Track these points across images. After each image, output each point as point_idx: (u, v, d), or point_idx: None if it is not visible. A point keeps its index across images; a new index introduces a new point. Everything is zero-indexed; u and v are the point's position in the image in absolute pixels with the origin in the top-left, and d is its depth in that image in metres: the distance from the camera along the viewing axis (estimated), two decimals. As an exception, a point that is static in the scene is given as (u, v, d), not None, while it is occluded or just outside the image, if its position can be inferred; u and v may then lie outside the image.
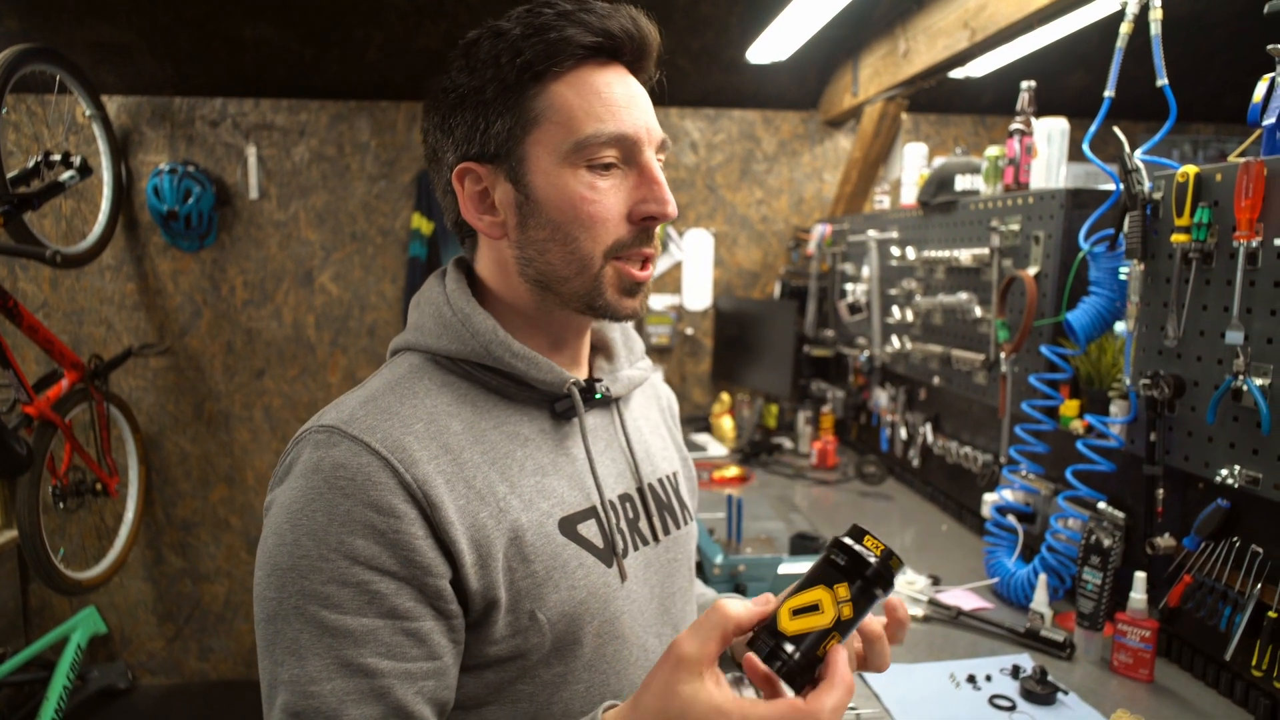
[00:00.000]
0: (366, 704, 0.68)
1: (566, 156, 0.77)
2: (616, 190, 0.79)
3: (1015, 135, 1.96)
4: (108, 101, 3.09)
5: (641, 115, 0.79)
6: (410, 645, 0.70)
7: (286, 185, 3.28)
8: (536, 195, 0.78)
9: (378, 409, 0.75)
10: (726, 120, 3.48)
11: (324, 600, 0.68)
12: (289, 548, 0.70)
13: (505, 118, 0.77)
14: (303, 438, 0.75)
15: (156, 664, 3.48)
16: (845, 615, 0.61)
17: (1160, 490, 1.45)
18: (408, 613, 0.70)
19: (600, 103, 0.77)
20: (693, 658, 0.61)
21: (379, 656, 0.69)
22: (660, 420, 1.03)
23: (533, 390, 0.83)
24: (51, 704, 2.83)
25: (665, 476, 0.96)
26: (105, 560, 2.98)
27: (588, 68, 0.78)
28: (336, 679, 0.68)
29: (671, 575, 0.91)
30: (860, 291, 2.79)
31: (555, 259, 0.79)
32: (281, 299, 3.34)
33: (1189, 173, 1.37)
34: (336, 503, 0.69)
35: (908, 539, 2.17)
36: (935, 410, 2.46)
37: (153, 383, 3.32)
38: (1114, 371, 1.64)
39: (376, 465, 0.71)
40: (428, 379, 0.80)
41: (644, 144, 0.79)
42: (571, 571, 0.78)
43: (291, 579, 0.69)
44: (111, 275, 3.24)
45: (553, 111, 0.77)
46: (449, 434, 0.76)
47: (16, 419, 2.52)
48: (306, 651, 0.68)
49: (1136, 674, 1.41)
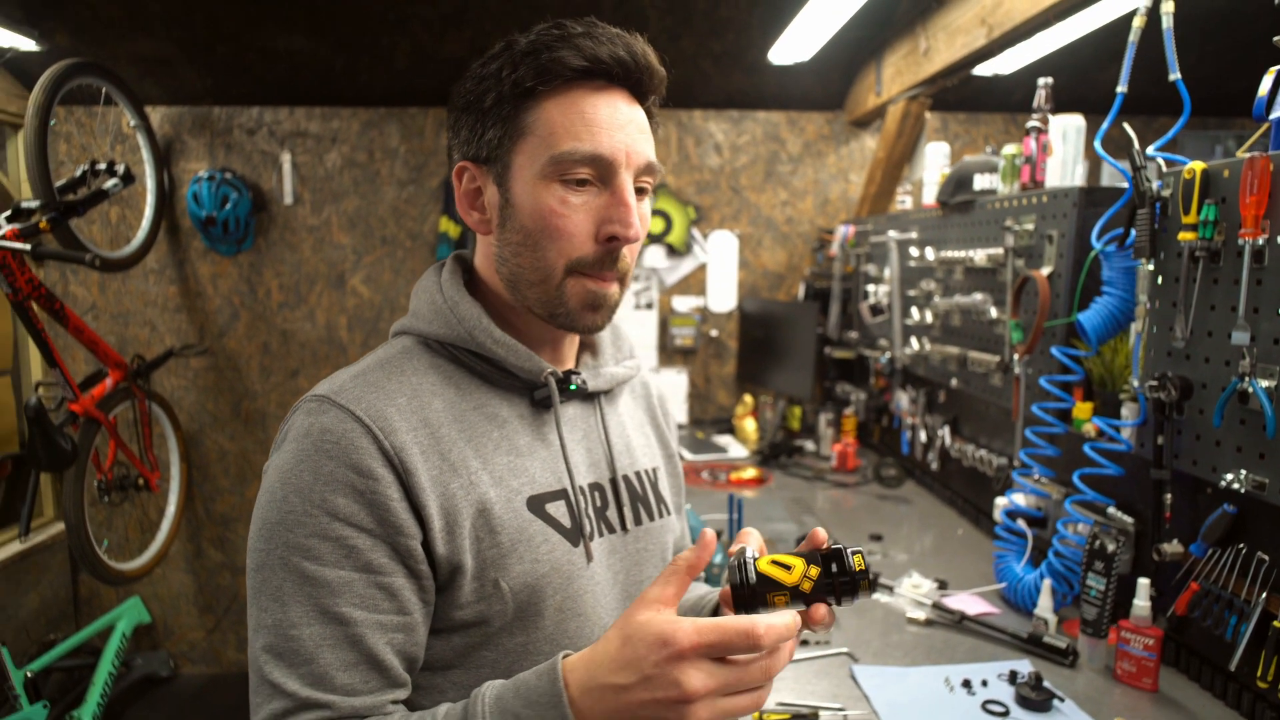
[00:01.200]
0: (341, 649, 0.73)
1: (543, 170, 0.81)
2: (587, 208, 0.81)
3: (1032, 133, 1.93)
4: (151, 112, 3.22)
5: (623, 138, 0.81)
6: (383, 599, 0.75)
7: (319, 190, 3.37)
8: (515, 201, 0.83)
9: (366, 382, 0.81)
10: (750, 122, 3.48)
11: (306, 552, 0.74)
12: (278, 504, 0.76)
13: (498, 126, 0.82)
14: (298, 406, 0.81)
15: (197, 654, 3.60)
16: (804, 587, 0.70)
17: (1168, 495, 1.41)
18: (381, 568, 0.76)
19: (582, 123, 0.80)
20: (651, 596, 0.67)
21: (354, 606, 0.74)
22: (646, 419, 1.07)
23: (514, 378, 0.88)
24: (97, 689, 2.96)
25: (644, 470, 0.99)
26: (147, 552, 3.10)
27: (579, 89, 0.81)
28: (315, 624, 0.73)
29: (640, 564, 0.95)
30: (882, 293, 2.76)
31: (524, 263, 0.84)
32: (315, 301, 3.44)
33: (1195, 169, 1.34)
34: (322, 464, 0.75)
35: (925, 543, 2.15)
36: (954, 413, 2.43)
37: (193, 382, 3.44)
38: (1126, 373, 1.60)
39: (359, 431, 0.76)
40: (417, 360, 0.86)
41: (620, 166, 0.81)
42: (536, 545, 0.83)
43: (278, 532, 0.75)
44: (155, 279, 3.37)
45: (539, 126, 0.81)
46: (430, 410, 0.81)
47: (63, 416, 2.64)
48: (288, 598, 0.74)
49: (1140, 683, 1.38)
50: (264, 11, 2.75)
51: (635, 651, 0.64)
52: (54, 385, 2.82)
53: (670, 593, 0.67)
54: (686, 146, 3.49)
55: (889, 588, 1.80)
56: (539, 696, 0.67)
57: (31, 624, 3.10)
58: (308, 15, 2.79)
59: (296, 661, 0.72)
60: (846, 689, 1.40)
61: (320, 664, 0.73)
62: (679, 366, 3.57)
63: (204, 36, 2.87)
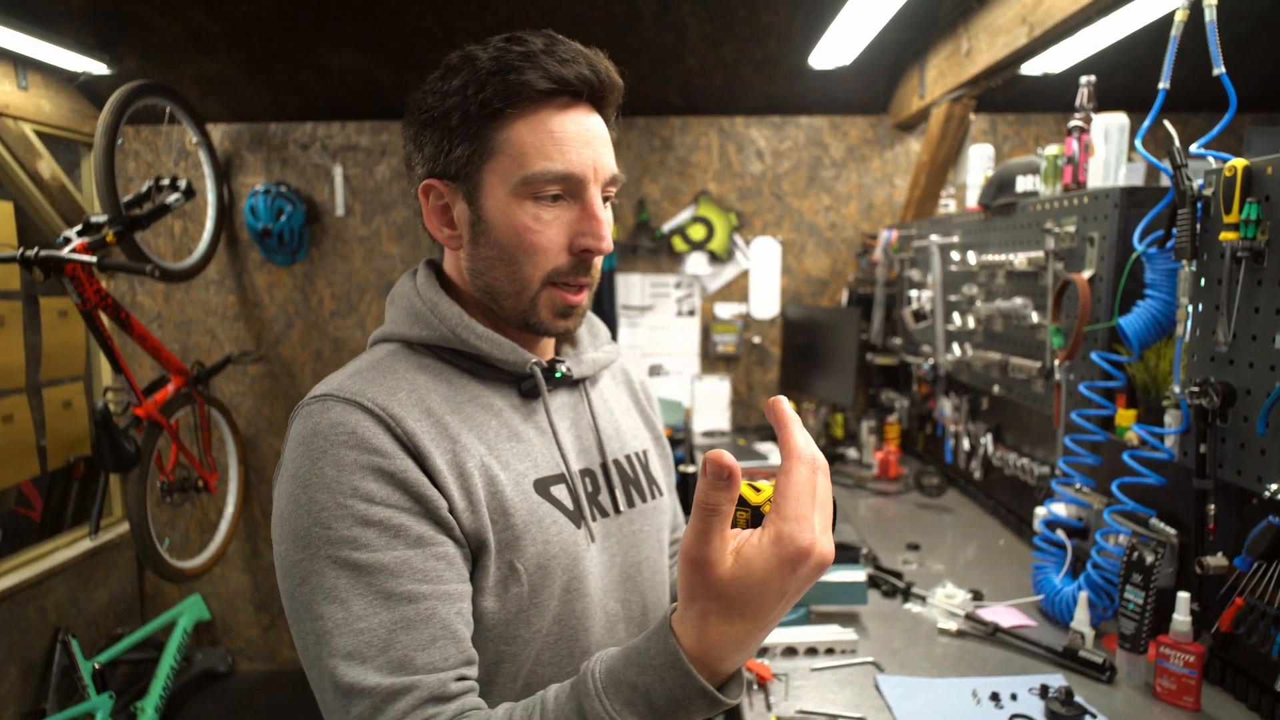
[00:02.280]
0: (415, 629, 0.72)
1: (515, 188, 0.83)
2: (559, 222, 0.84)
3: (1073, 133, 1.88)
4: (212, 129, 3.37)
5: (590, 154, 0.84)
6: (443, 568, 0.76)
7: (369, 202, 3.48)
8: (488, 219, 0.85)
9: (363, 380, 0.82)
10: (793, 127, 3.46)
11: (352, 543, 0.73)
12: (304, 508, 0.74)
13: (466, 145, 0.84)
14: (296, 413, 0.81)
15: (254, 650, 3.73)
16: (764, 509, 0.68)
17: (1211, 506, 1.36)
18: (432, 539, 0.76)
19: (551, 142, 0.82)
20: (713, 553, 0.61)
21: (417, 582, 0.73)
22: (631, 403, 1.09)
23: (499, 371, 0.90)
24: (160, 682, 3.09)
25: (634, 453, 1.01)
26: (206, 551, 3.23)
27: (546, 108, 0.83)
28: (382, 612, 0.71)
29: (636, 545, 0.96)
30: (925, 298, 2.71)
31: (500, 277, 0.86)
32: (365, 309, 3.54)
33: (1237, 166, 1.29)
34: (342, 454, 0.75)
35: (965, 553, 2.10)
36: (997, 420, 2.37)
37: (250, 388, 3.58)
38: (1170, 379, 1.55)
39: (370, 421, 0.77)
40: (405, 361, 0.87)
41: (589, 181, 0.84)
42: (545, 527, 0.84)
43: (315, 533, 0.73)
44: (216, 289, 3.52)
45: (508, 145, 0.83)
46: (429, 402, 0.83)
47: (127, 420, 2.78)
48: (347, 595, 0.71)
49: (1180, 701, 1.32)
50: (317, 31, 2.85)
51: (764, 594, 0.60)
52: (120, 391, 2.97)
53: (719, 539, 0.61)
54: (728, 153, 3.49)
55: (921, 598, 1.77)
56: (653, 659, 0.64)
57: (100, 618, 3.25)
58: (358, 34, 2.88)
59: (371, 654, 0.70)
60: (869, 699, 1.37)
61: (397, 649, 0.70)
62: (721, 373, 3.56)
63: (261, 56, 2.99)
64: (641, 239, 3.50)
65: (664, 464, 1.10)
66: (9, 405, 2.79)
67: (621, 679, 0.65)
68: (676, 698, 0.63)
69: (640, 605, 0.96)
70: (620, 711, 0.64)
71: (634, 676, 0.65)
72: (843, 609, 1.69)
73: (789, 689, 1.41)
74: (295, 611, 0.74)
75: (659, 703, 0.64)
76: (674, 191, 3.51)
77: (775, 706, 1.36)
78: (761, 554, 0.60)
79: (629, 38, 2.89)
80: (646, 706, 0.64)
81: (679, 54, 3.00)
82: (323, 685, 0.72)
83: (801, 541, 0.59)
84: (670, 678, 0.63)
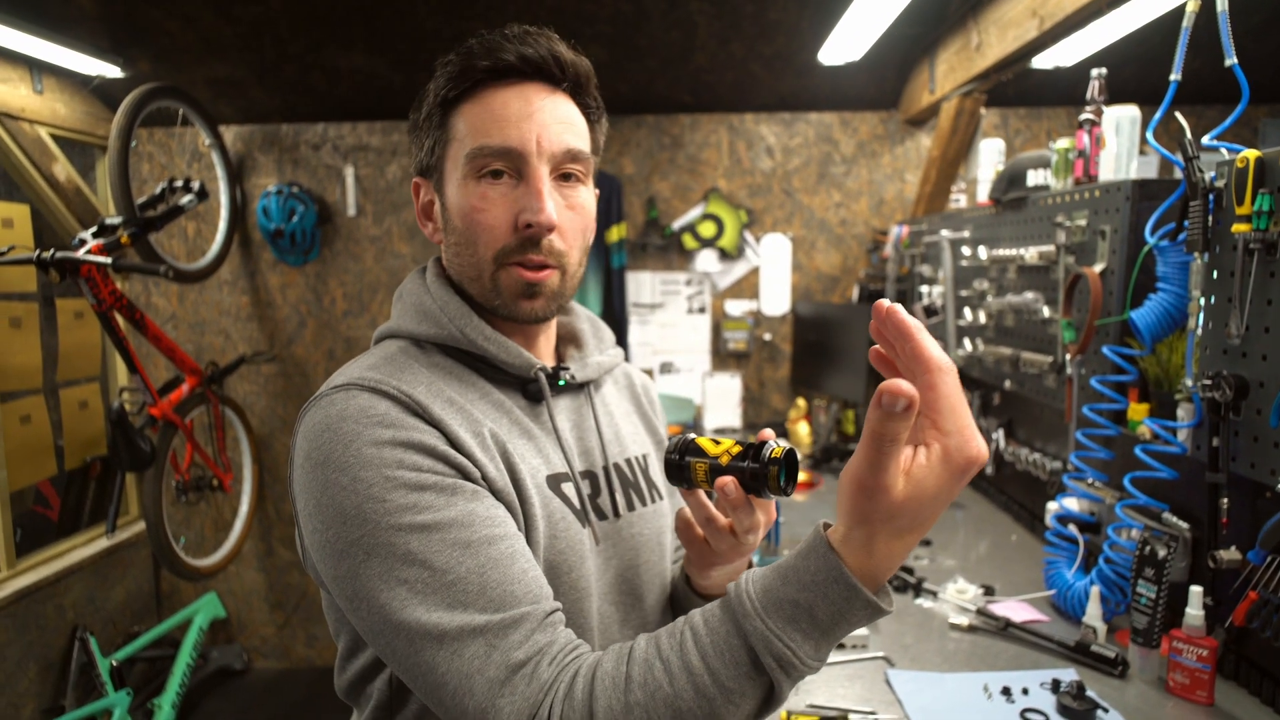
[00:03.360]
0: (504, 565, 0.71)
1: (463, 168, 0.84)
2: (504, 199, 0.84)
3: (1085, 126, 1.87)
4: (224, 131, 3.40)
5: (533, 127, 0.83)
6: (503, 515, 0.75)
7: (380, 202, 3.50)
8: (449, 205, 0.87)
9: (382, 372, 0.81)
10: (803, 124, 3.45)
11: (413, 508, 0.71)
12: (348, 489, 0.72)
13: (431, 137, 0.87)
14: (312, 405, 0.79)
15: (268, 648, 3.76)
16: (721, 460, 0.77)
17: (1225, 500, 1.35)
18: (485, 495, 0.76)
19: (491, 118, 0.83)
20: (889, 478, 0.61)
21: (489, 527, 0.73)
22: (632, 407, 1.08)
23: (504, 373, 0.90)
24: (176, 679, 3.12)
25: (634, 457, 1.01)
26: (221, 550, 3.26)
27: (490, 89, 0.84)
28: (467, 559, 0.70)
29: (635, 549, 0.95)
30: (936, 293, 2.71)
31: (464, 262, 0.87)
32: (377, 309, 3.56)
33: (1249, 157, 1.28)
34: (377, 433, 0.74)
35: (976, 549, 2.09)
36: (1008, 415, 2.36)
37: (264, 388, 3.61)
38: (1183, 373, 1.54)
39: (398, 407, 0.77)
40: (415, 358, 0.87)
41: (530, 155, 0.83)
42: (557, 522, 0.84)
43: (370, 508, 0.71)
44: (229, 289, 3.55)
45: (458, 129, 0.85)
46: (448, 393, 0.83)
47: (143, 420, 2.80)
48: (424, 554, 0.70)
49: (1194, 696, 1.32)
50: (327, 33, 2.87)
51: (935, 509, 0.62)
52: (135, 391, 3.00)
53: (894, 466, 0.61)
54: (738, 150, 3.49)
55: (932, 593, 1.77)
56: (815, 575, 0.64)
57: (118, 616, 3.29)
58: (368, 35, 2.90)
59: (470, 598, 0.69)
60: (880, 693, 1.37)
61: (494, 588, 0.69)
62: (732, 370, 3.56)
63: (272, 59, 3.01)
64: (652, 236, 3.50)
65: None
66: (27, 406, 2.82)
67: (782, 596, 0.65)
68: (841, 610, 0.64)
69: (638, 609, 0.95)
70: (783, 628, 0.64)
71: (795, 594, 0.65)
72: (853, 604, 1.69)
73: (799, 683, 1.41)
74: (361, 590, 0.71)
75: (823, 617, 0.64)
76: (684, 189, 3.51)
77: (786, 701, 1.36)
78: (933, 472, 0.61)
79: (638, 36, 2.90)
80: (810, 622, 0.64)
81: (688, 52, 3.00)
82: (418, 646, 0.69)
83: (970, 452, 0.60)
84: (835, 592, 0.64)
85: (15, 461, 2.77)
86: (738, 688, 0.65)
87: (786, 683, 0.66)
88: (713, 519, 0.83)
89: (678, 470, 0.79)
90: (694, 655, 0.67)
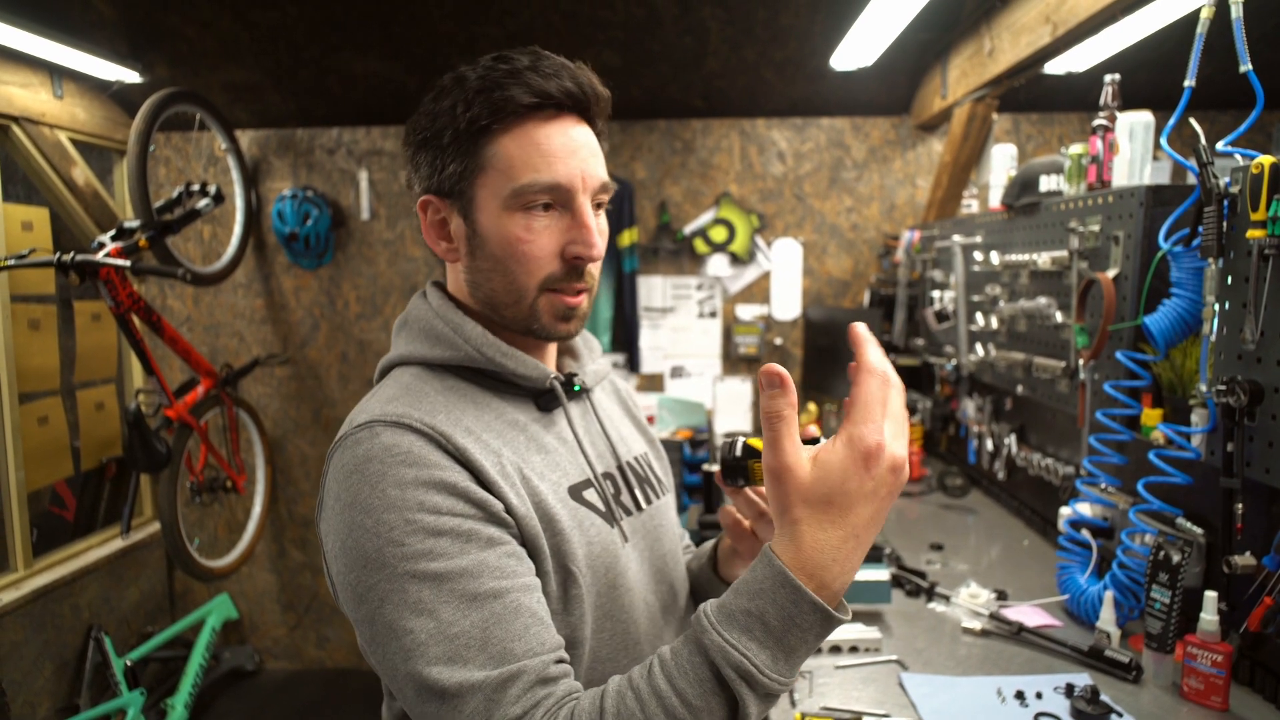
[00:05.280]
0: (506, 621, 0.73)
1: (506, 201, 0.85)
2: (550, 231, 0.87)
3: (1098, 131, 1.87)
4: (240, 135, 3.43)
5: (578, 164, 0.86)
6: (515, 564, 0.77)
7: (394, 206, 3.52)
8: (482, 232, 0.88)
9: (401, 405, 0.83)
10: (814, 129, 3.46)
11: (428, 555, 0.73)
12: (372, 532, 0.74)
13: (458, 162, 0.87)
14: (338, 445, 0.82)
15: (280, 649, 3.78)
16: None
17: (1239, 505, 1.35)
18: (501, 539, 0.78)
19: (538, 154, 0.84)
20: (789, 458, 0.68)
21: (497, 579, 0.75)
22: (622, 411, 1.13)
23: (519, 387, 0.93)
24: (189, 680, 3.14)
25: (637, 456, 1.05)
26: (235, 551, 3.28)
27: (531, 121, 0.85)
28: (471, 613, 0.72)
29: (659, 539, 1.00)
30: (948, 299, 2.71)
31: (498, 287, 0.89)
32: (390, 312, 3.59)
33: (1264, 163, 1.28)
34: (401, 473, 0.76)
35: (988, 554, 2.09)
36: (1020, 421, 2.35)
37: (277, 390, 3.63)
38: (1197, 378, 1.54)
39: (422, 441, 0.79)
40: (431, 384, 0.89)
41: (577, 191, 0.86)
42: (586, 529, 0.88)
43: (389, 553, 0.74)
44: (243, 292, 3.58)
45: (497, 160, 0.85)
46: (466, 421, 0.85)
47: (158, 421, 2.83)
48: (433, 604, 0.72)
49: (1208, 701, 1.31)
50: (342, 39, 2.90)
51: (845, 492, 0.65)
52: (151, 392, 3.03)
53: (790, 443, 0.68)
54: (750, 155, 3.50)
55: (945, 597, 1.77)
56: (761, 584, 0.67)
57: (131, 616, 3.31)
58: (382, 40, 2.93)
59: (470, 654, 0.71)
60: (893, 696, 1.38)
61: (495, 644, 0.72)
62: (743, 375, 3.57)
63: (288, 64, 3.04)
64: (663, 241, 3.51)
65: (661, 464, 1.14)
66: (44, 407, 2.85)
67: (734, 609, 0.68)
68: (789, 614, 0.66)
69: (671, 595, 1.00)
70: (738, 638, 0.66)
71: (746, 604, 0.67)
72: (867, 607, 1.69)
73: (813, 686, 1.42)
74: (378, 634, 0.74)
75: (773, 623, 0.66)
76: (695, 193, 3.53)
77: (800, 703, 1.37)
78: (836, 455, 0.66)
79: (650, 41, 2.91)
80: (763, 629, 0.66)
81: (700, 57, 3.02)
82: (423, 698, 0.72)
83: (870, 441, 0.65)
84: (781, 596, 0.66)
85: (33, 462, 2.80)
86: (704, 705, 0.67)
87: (750, 696, 0.66)
88: (765, 513, 0.90)
89: (738, 471, 0.84)
90: (661, 679, 0.69)
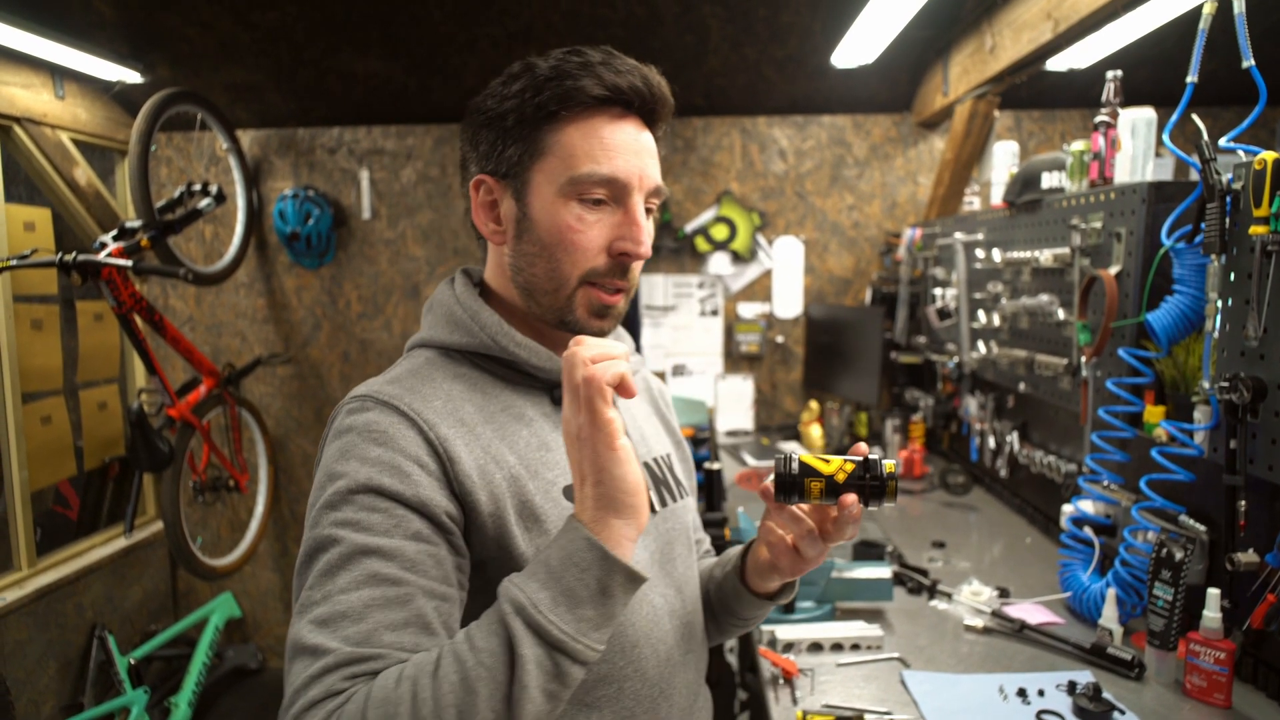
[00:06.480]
0: (390, 609, 0.73)
1: (562, 188, 0.86)
2: (601, 224, 0.87)
3: (1100, 128, 1.87)
4: (241, 135, 3.43)
5: (637, 163, 0.87)
6: (431, 565, 0.78)
7: (395, 205, 3.52)
8: (533, 216, 0.88)
9: (402, 386, 0.86)
10: (815, 127, 3.46)
11: (355, 525, 0.76)
12: (328, 490, 0.79)
13: (519, 145, 0.88)
14: (340, 408, 0.87)
15: (283, 648, 3.76)
16: (838, 478, 0.83)
17: (1242, 502, 1.34)
18: (429, 538, 0.79)
19: (600, 147, 0.86)
20: None
21: (404, 570, 0.76)
22: (651, 410, 1.12)
23: (533, 379, 0.93)
24: (193, 678, 3.15)
25: (659, 457, 1.04)
26: (237, 550, 3.29)
27: (598, 116, 0.86)
28: (364, 588, 0.74)
29: (671, 543, 0.99)
30: (949, 296, 2.70)
31: (539, 272, 0.89)
32: (391, 311, 3.59)
33: (1267, 159, 1.27)
34: (369, 450, 0.80)
35: (990, 551, 2.09)
36: (1023, 418, 2.35)
37: (279, 389, 3.64)
38: (1199, 375, 1.53)
39: (403, 424, 0.82)
40: (441, 370, 0.91)
41: (633, 189, 0.87)
42: None
43: (328, 513, 0.78)
44: (245, 292, 3.58)
45: (558, 147, 0.86)
46: (463, 412, 0.87)
47: (161, 421, 2.83)
48: (338, 569, 0.74)
49: (1211, 699, 1.31)
50: (342, 38, 2.90)
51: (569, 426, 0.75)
52: (154, 392, 3.03)
53: None
54: (751, 153, 3.49)
55: (947, 594, 1.76)
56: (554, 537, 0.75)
57: (135, 615, 3.32)
58: (383, 40, 2.92)
59: (343, 624, 0.72)
60: (895, 694, 1.38)
61: (368, 623, 0.72)
62: (745, 373, 3.57)
63: (289, 63, 3.04)
64: (664, 239, 3.51)
65: (684, 466, 1.13)
66: (47, 407, 2.86)
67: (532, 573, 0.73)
68: (567, 553, 0.72)
69: (679, 599, 0.98)
70: (522, 581, 0.72)
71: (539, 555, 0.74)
72: (868, 605, 1.69)
73: (815, 684, 1.42)
74: (300, 583, 0.78)
75: (554, 564, 0.72)
76: (697, 192, 3.52)
77: (801, 701, 1.37)
78: None
79: (651, 40, 2.91)
80: (545, 571, 0.72)
81: (701, 55, 3.01)
82: (294, 641, 0.73)
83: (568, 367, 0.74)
84: (563, 538, 0.73)
85: (36, 461, 2.80)
86: (486, 645, 0.69)
87: (524, 634, 0.68)
88: (811, 530, 0.88)
89: (793, 488, 0.84)
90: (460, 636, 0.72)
